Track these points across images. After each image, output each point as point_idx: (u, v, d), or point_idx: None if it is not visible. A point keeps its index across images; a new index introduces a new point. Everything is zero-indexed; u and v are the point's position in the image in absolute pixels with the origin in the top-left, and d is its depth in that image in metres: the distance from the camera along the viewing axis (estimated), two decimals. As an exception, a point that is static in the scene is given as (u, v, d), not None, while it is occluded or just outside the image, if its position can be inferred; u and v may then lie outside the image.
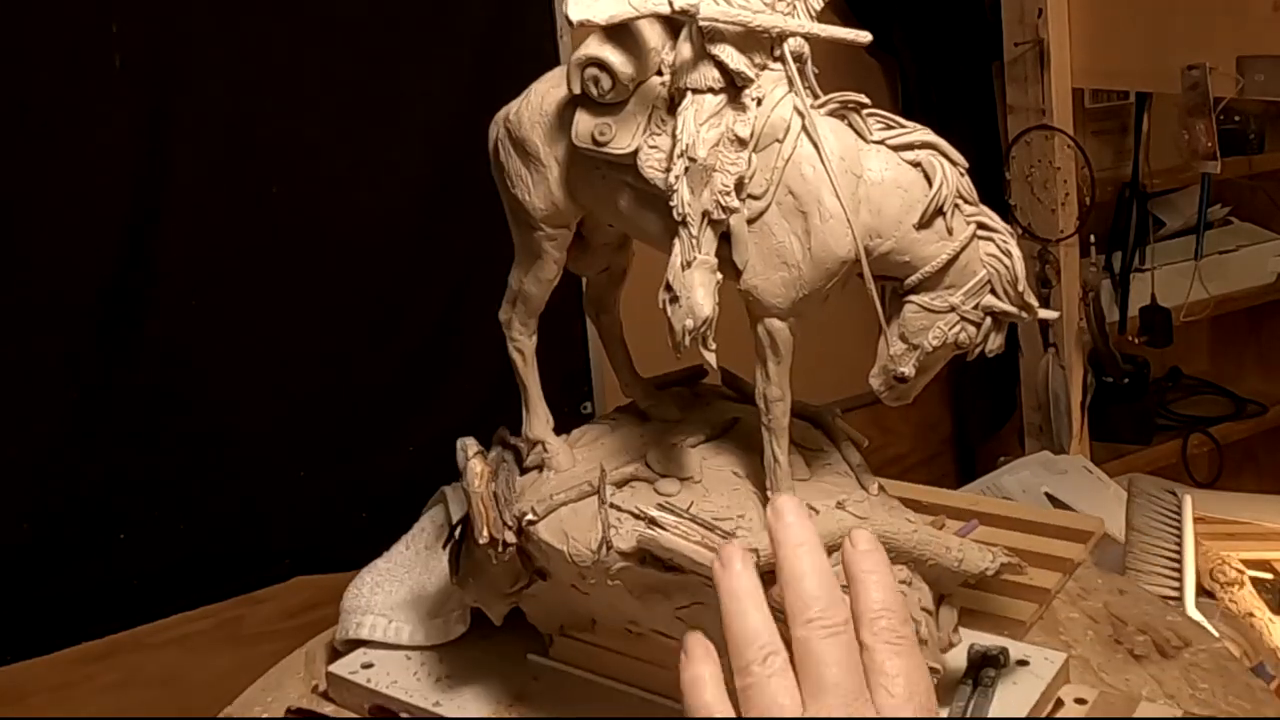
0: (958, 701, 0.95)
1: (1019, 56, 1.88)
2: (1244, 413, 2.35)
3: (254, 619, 1.67)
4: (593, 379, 1.86)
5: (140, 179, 1.49)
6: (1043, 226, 1.92)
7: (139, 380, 1.53)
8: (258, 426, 1.61)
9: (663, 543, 0.89)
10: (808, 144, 0.87)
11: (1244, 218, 2.42)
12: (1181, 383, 2.48)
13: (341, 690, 1.14)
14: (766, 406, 0.92)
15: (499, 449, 1.07)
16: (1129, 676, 1.03)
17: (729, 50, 0.86)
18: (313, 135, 1.59)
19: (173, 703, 1.60)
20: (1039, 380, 2.01)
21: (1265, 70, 1.53)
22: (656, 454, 1.00)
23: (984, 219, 0.88)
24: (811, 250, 0.87)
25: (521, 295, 1.03)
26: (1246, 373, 2.51)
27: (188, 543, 1.59)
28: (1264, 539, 1.65)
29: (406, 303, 1.70)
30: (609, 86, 0.89)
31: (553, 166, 0.96)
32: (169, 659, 1.62)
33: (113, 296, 1.50)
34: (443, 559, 1.12)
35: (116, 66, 1.45)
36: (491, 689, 1.09)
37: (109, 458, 1.53)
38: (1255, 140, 2.20)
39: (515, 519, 0.98)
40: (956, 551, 0.94)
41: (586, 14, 0.85)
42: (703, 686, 0.62)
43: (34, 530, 1.50)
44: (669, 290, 0.87)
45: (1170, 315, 2.11)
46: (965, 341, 0.89)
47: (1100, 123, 2.10)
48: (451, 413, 1.68)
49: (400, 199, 1.67)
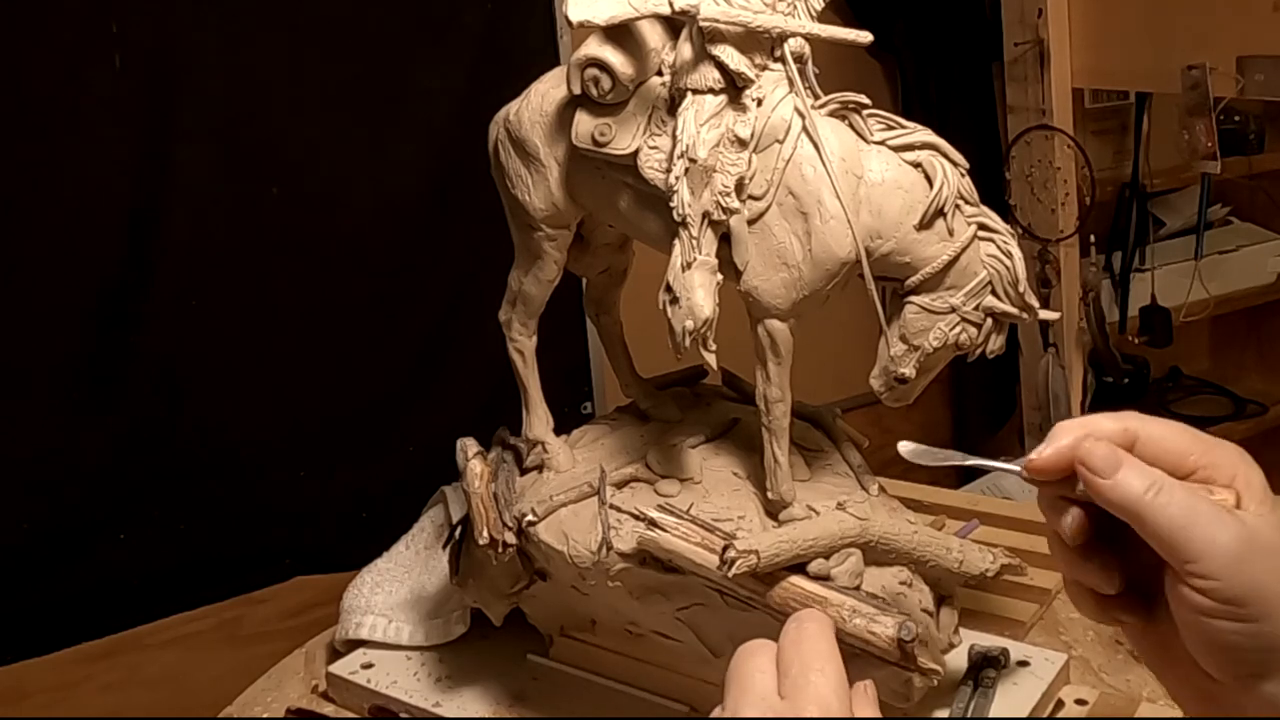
0: (958, 702, 0.95)
1: (1019, 56, 1.88)
2: (1244, 413, 2.35)
3: (254, 619, 1.67)
4: (593, 379, 1.86)
5: (140, 179, 1.49)
6: (1043, 226, 1.92)
7: (139, 380, 1.53)
8: (258, 427, 1.61)
9: (663, 544, 0.89)
10: (808, 145, 0.87)
11: (1244, 218, 2.42)
12: (1181, 383, 2.48)
13: (341, 690, 1.14)
14: (767, 407, 0.92)
15: (499, 449, 1.07)
16: (1129, 677, 1.03)
17: (729, 51, 0.86)
18: (313, 135, 1.59)
19: (173, 703, 1.60)
20: (1039, 380, 2.01)
21: (1265, 70, 1.53)
22: (656, 455, 1.00)
23: (985, 220, 0.88)
24: (812, 251, 0.87)
25: (521, 296, 1.03)
26: (1246, 373, 2.51)
27: (188, 543, 1.59)
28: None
29: (406, 303, 1.70)
30: (609, 87, 0.89)
31: (553, 167, 0.96)
32: (169, 659, 1.62)
33: (113, 296, 1.50)
34: (443, 559, 1.12)
35: (116, 66, 1.45)
36: (491, 689, 1.09)
37: (109, 457, 1.53)
38: (1255, 140, 2.20)
39: (515, 520, 0.98)
40: (957, 552, 0.94)
41: (586, 14, 0.85)
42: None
43: (34, 530, 1.50)
44: (669, 291, 0.87)
45: (1170, 315, 2.11)
46: (966, 342, 0.89)
47: (1100, 123, 2.10)
48: (451, 413, 1.68)
49: (400, 199, 1.67)
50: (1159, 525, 0.59)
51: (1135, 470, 0.60)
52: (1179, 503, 0.59)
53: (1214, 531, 0.58)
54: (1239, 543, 0.58)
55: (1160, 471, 0.60)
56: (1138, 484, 0.59)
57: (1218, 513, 0.59)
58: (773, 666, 0.61)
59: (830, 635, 0.62)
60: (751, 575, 0.86)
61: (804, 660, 0.60)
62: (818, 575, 0.89)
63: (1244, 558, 0.58)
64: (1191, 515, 0.58)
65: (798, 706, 0.58)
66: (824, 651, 0.60)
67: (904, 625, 0.84)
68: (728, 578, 0.86)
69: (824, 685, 0.58)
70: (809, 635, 0.61)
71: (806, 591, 0.87)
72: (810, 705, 0.58)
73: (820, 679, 0.59)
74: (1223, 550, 0.58)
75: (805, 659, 0.60)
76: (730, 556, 0.85)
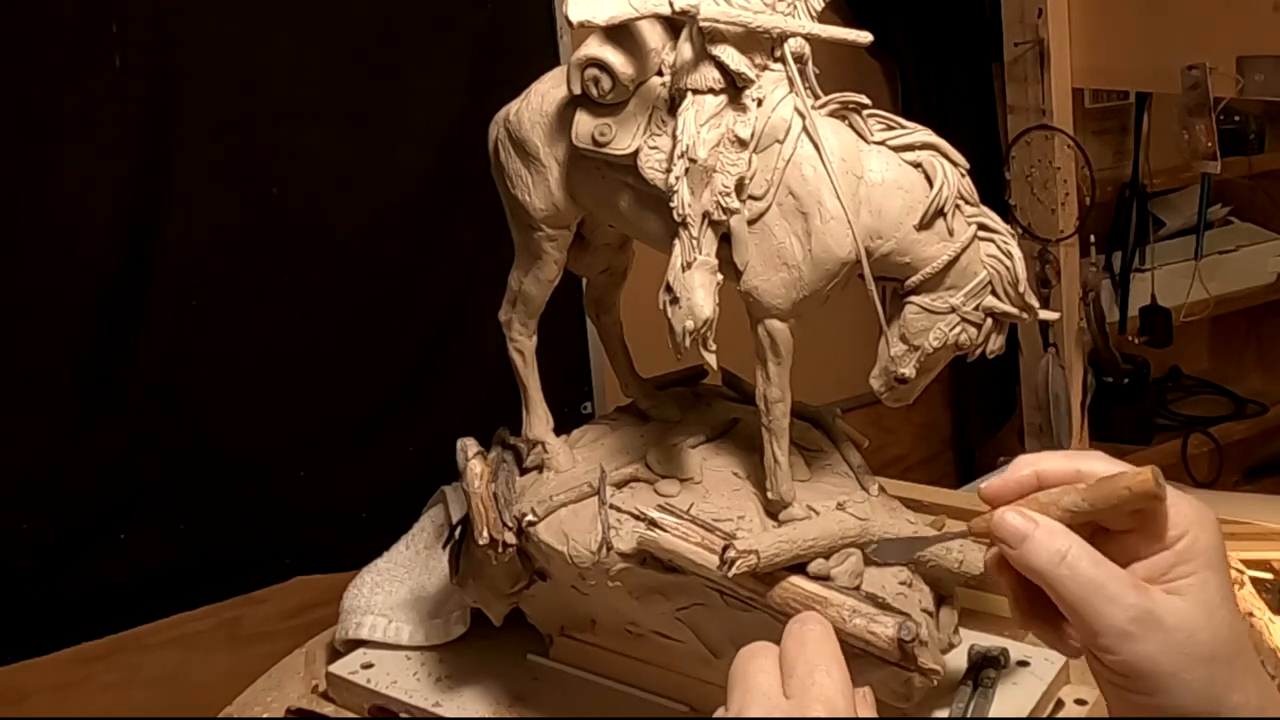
0: (958, 702, 0.95)
1: (1019, 56, 1.88)
2: (1244, 413, 2.35)
3: (254, 619, 1.67)
4: (593, 379, 1.86)
5: (140, 179, 1.49)
6: (1043, 226, 1.92)
7: (139, 380, 1.53)
8: (257, 427, 1.61)
9: (663, 544, 0.89)
10: (808, 145, 0.87)
11: (1244, 218, 2.42)
12: (1181, 383, 2.48)
13: (341, 690, 1.14)
14: (767, 407, 0.92)
15: (499, 449, 1.07)
16: (1129, 677, 1.03)
17: (729, 51, 0.86)
18: (313, 135, 1.59)
19: (173, 703, 1.60)
20: (1039, 380, 2.01)
21: (1265, 70, 1.53)
22: (656, 455, 1.00)
23: (985, 220, 0.88)
24: (812, 251, 0.87)
25: (521, 296, 1.03)
26: (1246, 373, 2.51)
27: (188, 543, 1.59)
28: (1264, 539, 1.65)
29: (406, 303, 1.70)
30: (609, 87, 0.89)
31: (553, 167, 0.96)
32: (169, 659, 1.62)
33: (113, 296, 1.50)
34: (443, 559, 1.12)
35: (116, 66, 1.45)
36: (491, 689, 1.09)
37: (109, 457, 1.53)
38: (1255, 140, 2.20)
39: (515, 520, 0.98)
40: (957, 552, 0.94)
41: (586, 14, 0.85)
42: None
43: (34, 530, 1.50)
44: (669, 291, 0.87)
45: (1170, 315, 2.11)
46: (966, 342, 0.89)
47: (1100, 123, 2.10)
48: (451, 413, 1.68)
49: (401, 199, 1.67)
50: (1061, 596, 0.62)
51: (1041, 543, 0.62)
52: (1079, 577, 0.61)
53: (1109, 609, 0.60)
54: (1131, 622, 0.60)
55: (1072, 539, 0.62)
56: (1042, 556, 0.62)
57: (1119, 588, 0.61)
58: (776, 667, 0.61)
59: (833, 638, 0.63)
60: (751, 575, 0.86)
61: (810, 661, 0.60)
62: (818, 575, 0.89)
63: (1136, 636, 0.60)
64: (1090, 590, 0.61)
65: (804, 706, 0.58)
66: (829, 653, 0.61)
67: (904, 625, 0.84)
68: (728, 578, 0.86)
69: (830, 685, 0.59)
70: (814, 637, 0.62)
71: (806, 591, 0.87)
72: (816, 704, 0.58)
73: (826, 679, 0.59)
74: (1114, 628, 0.60)
75: (811, 660, 0.60)
76: (730, 556, 0.85)
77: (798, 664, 0.61)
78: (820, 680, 0.59)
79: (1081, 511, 0.64)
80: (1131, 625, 0.60)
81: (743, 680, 0.61)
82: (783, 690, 0.60)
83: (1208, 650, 0.60)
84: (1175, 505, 0.63)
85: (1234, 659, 0.61)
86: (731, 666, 0.63)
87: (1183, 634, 0.60)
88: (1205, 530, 0.63)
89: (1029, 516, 0.64)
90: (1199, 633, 0.60)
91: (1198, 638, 0.60)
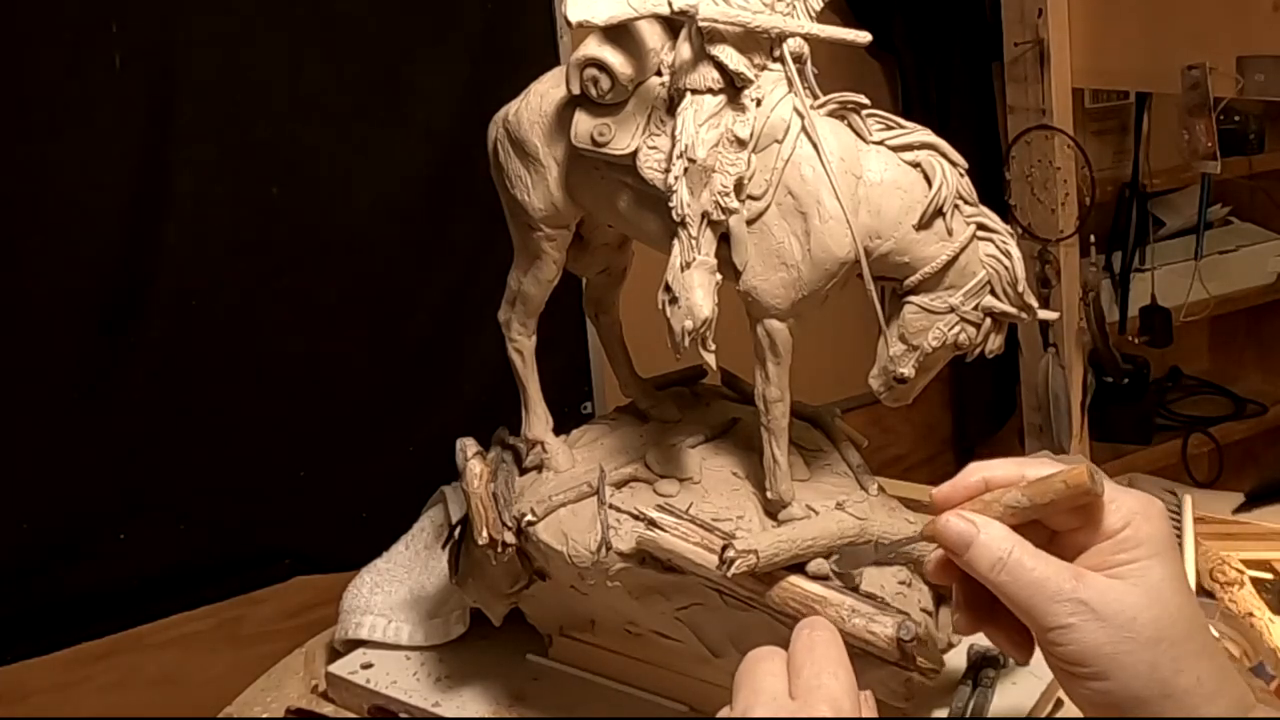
0: (958, 702, 0.96)
1: (1019, 56, 1.88)
2: (1244, 413, 2.34)
3: (254, 619, 1.67)
4: (593, 379, 1.85)
5: (140, 179, 1.49)
6: (1043, 226, 1.92)
7: (139, 380, 1.53)
8: (257, 427, 1.61)
9: (662, 544, 0.89)
10: (807, 145, 0.87)
11: (1244, 218, 2.42)
12: (1181, 383, 2.47)
13: (341, 690, 1.14)
14: (766, 407, 0.92)
15: (498, 449, 1.07)
16: (1128, 677, 1.03)
17: (728, 51, 0.86)
18: (313, 135, 1.59)
19: (173, 703, 1.60)
20: (1039, 380, 2.01)
21: (1265, 70, 1.53)
22: (656, 454, 1.00)
23: (984, 220, 0.88)
24: (811, 251, 0.87)
25: (521, 296, 1.03)
26: (1246, 373, 2.50)
27: (188, 543, 1.59)
28: (1264, 539, 1.65)
29: (406, 303, 1.70)
30: (608, 87, 0.89)
31: (552, 167, 0.96)
32: (169, 659, 1.62)
33: (113, 296, 1.50)
34: (442, 559, 1.13)
35: (116, 66, 1.45)
36: (491, 689, 1.09)
37: (109, 458, 1.53)
38: (1255, 140, 2.19)
39: (514, 520, 0.98)
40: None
41: (586, 14, 0.85)
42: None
43: (34, 530, 1.50)
44: (668, 291, 0.87)
45: (1170, 315, 2.11)
46: (965, 342, 0.89)
47: (1100, 123, 2.10)
48: (451, 413, 1.68)
49: (400, 199, 1.67)
50: (1006, 597, 0.65)
51: (984, 548, 0.65)
52: (1022, 579, 0.64)
53: (1052, 606, 0.63)
54: (1072, 615, 0.62)
55: (1014, 540, 0.65)
56: (984, 561, 0.65)
57: (1059, 582, 0.63)
58: (784, 670, 0.62)
59: (840, 643, 0.64)
60: (751, 575, 0.86)
61: (817, 664, 0.62)
62: (817, 575, 0.89)
63: (1077, 626, 0.62)
64: (1032, 589, 0.64)
65: (810, 706, 0.59)
66: (836, 657, 0.63)
67: (903, 625, 0.84)
68: (727, 577, 0.86)
69: (836, 687, 0.60)
70: (821, 641, 0.64)
71: (806, 591, 0.87)
72: (822, 705, 0.59)
73: (833, 681, 0.60)
74: (1057, 621, 0.63)
75: (818, 662, 0.62)
76: (729, 556, 0.85)
77: (805, 667, 0.62)
78: (826, 682, 0.60)
79: (1022, 508, 0.67)
80: (1072, 616, 0.62)
81: (750, 682, 0.62)
82: (789, 692, 0.61)
83: (1151, 633, 0.62)
84: (1117, 499, 0.66)
85: (1181, 641, 0.63)
86: (738, 669, 0.63)
87: (1124, 617, 0.62)
88: (1149, 520, 0.65)
89: (970, 519, 0.66)
90: (1141, 615, 0.62)
91: (1140, 620, 0.62)
